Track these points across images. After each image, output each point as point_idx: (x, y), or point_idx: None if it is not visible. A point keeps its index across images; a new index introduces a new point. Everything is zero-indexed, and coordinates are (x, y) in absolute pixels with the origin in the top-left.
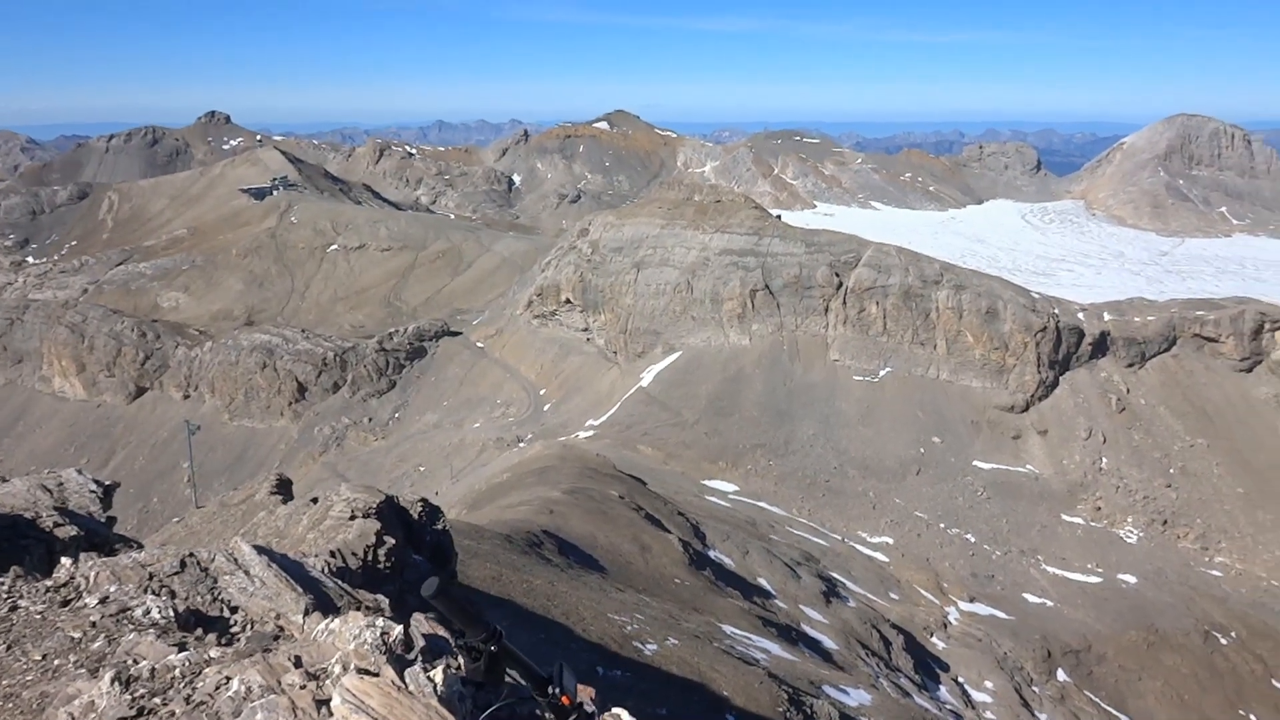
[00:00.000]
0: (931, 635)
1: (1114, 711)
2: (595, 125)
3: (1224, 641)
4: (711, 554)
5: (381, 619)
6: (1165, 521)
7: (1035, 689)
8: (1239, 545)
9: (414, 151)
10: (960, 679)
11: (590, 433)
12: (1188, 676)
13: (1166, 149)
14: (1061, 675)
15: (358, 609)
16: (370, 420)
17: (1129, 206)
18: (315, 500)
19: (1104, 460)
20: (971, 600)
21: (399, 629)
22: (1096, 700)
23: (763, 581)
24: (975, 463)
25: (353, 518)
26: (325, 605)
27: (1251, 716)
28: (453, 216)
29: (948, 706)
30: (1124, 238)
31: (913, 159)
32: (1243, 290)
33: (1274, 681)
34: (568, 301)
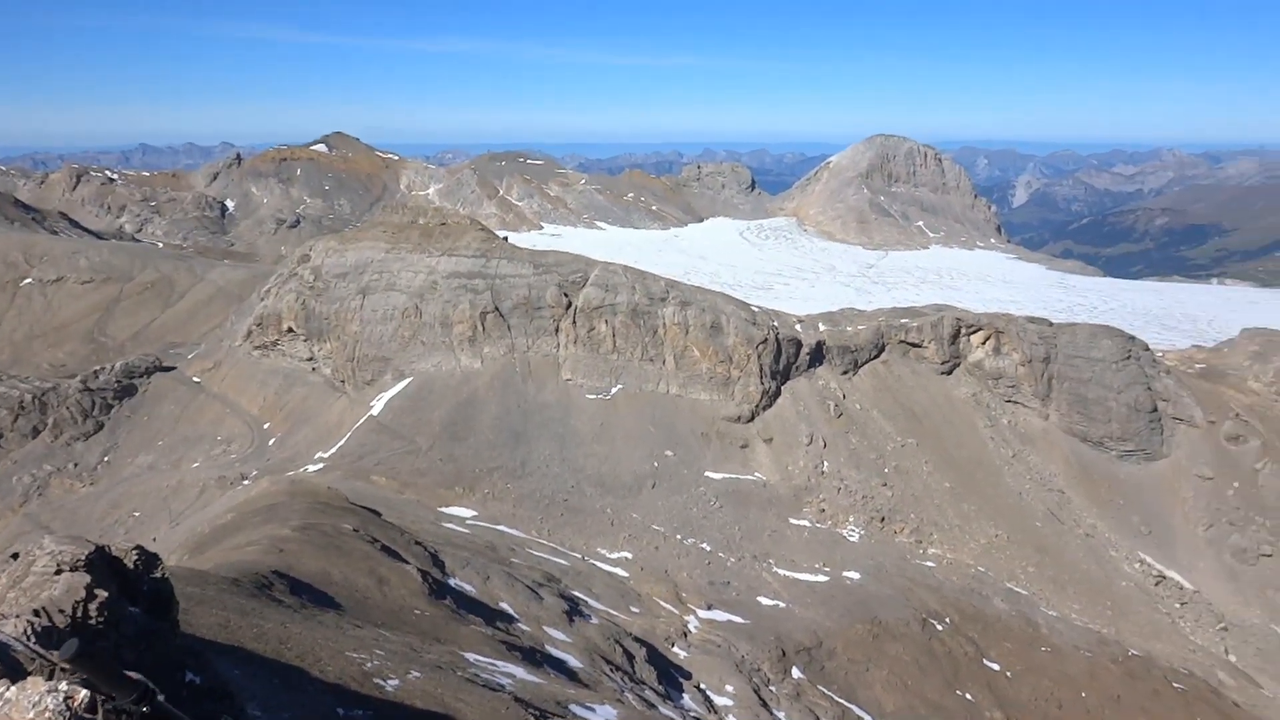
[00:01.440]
0: (673, 645)
1: (845, 703)
2: (313, 148)
3: (940, 627)
4: (451, 582)
5: (65, 682)
6: (883, 519)
7: (773, 688)
8: (949, 536)
9: (115, 177)
10: (702, 685)
11: (320, 466)
12: (909, 663)
13: (868, 168)
14: (796, 673)
15: (51, 673)
16: (76, 466)
17: (837, 222)
18: (15, 556)
19: (825, 464)
20: (709, 607)
21: (84, 693)
22: (829, 693)
23: (505, 606)
24: (707, 473)
25: (59, 572)
26: (15, 670)
27: (967, 695)
28: (161, 245)
29: (691, 714)
30: (834, 251)
31: (635, 179)
32: (941, 298)
33: (985, 661)
34: (290, 330)
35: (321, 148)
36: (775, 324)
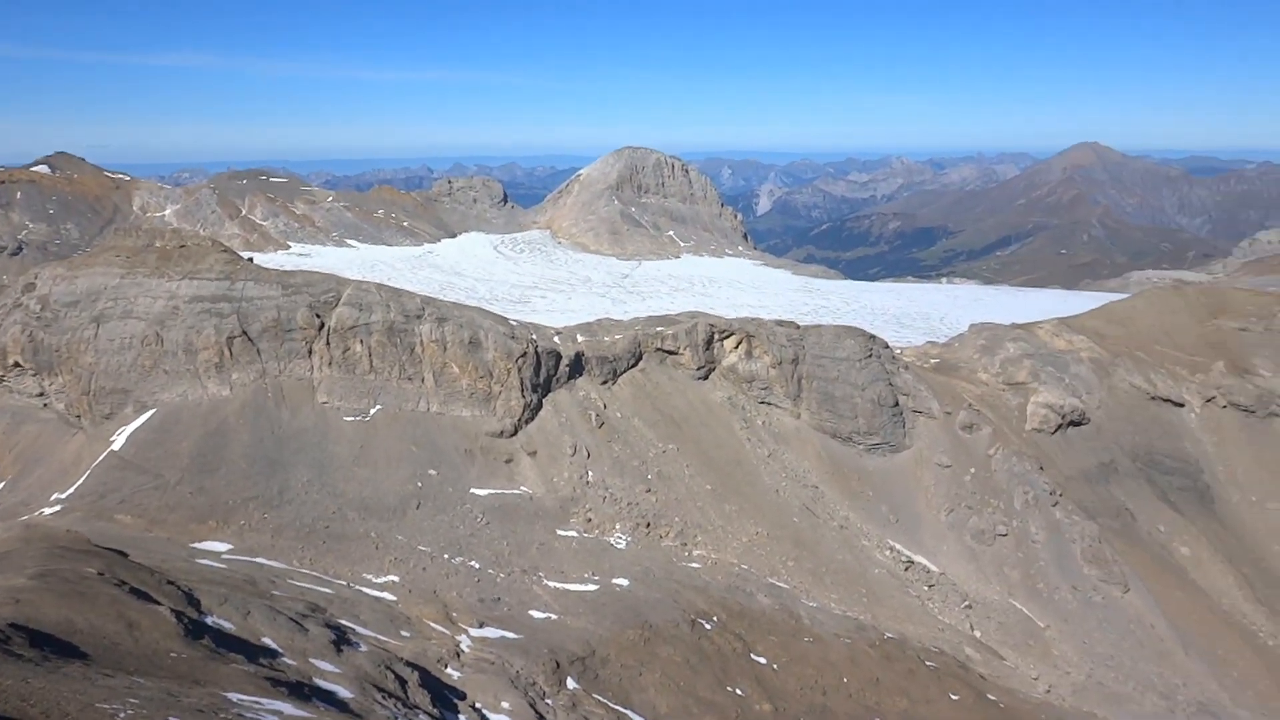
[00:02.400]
0: (446, 666)
1: (620, 708)
2: (33, 170)
3: (708, 627)
4: (209, 620)
5: None
6: (649, 524)
7: (549, 701)
8: (712, 537)
9: None
10: (478, 704)
11: (57, 508)
12: (681, 664)
13: (618, 179)
14: (571, 683)
15: None
16: None
17: (590, 234)
18: None
19: (590, 474)
20: (481, 625)
21: None
22: (604, 701)
23: (268, 640)
24: (473, 490)
25: None
26: None
27: (737, 690)
28: None
29: None
30: (589, 263)
31: (385, 195)
32: (694, 305)
33: (752, 655)
34: (16, 365)
35: (43, 169)
36: (534, 337)
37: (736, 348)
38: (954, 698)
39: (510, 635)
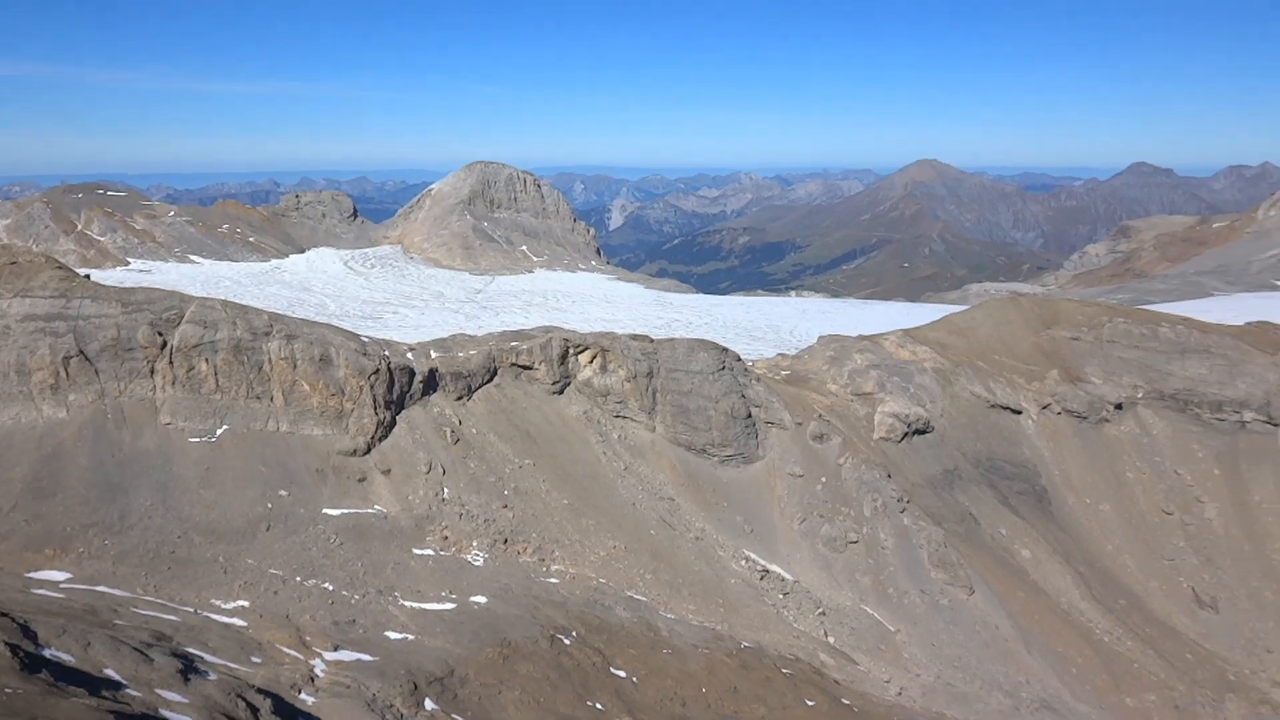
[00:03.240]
0: (300, 692)
1: None
2: None
3: (567, 642)
4: (47, 653)
5: None
6: (506, 540)
7: None
8: (570, 552)
9: None
10: None
11: None
12: (540, 680)
13: (470, 194)
14: (429, 704)
15: None
16: None
17: (443, 249)
18: None
19: (446, 491)
20: (336, 649)
21: None
22: None
23: (111, 672)
24: (325, 510)
25: None
26: None
27: (597, 705)
28: None
29: None
30: (441, 278)
31: (229, 210)
32: (548, 320)
33: (612, 669)
34: None
35: None
36: (387, 353)
37: (591, 362)
38: (810, 703)
39: (366, 658)
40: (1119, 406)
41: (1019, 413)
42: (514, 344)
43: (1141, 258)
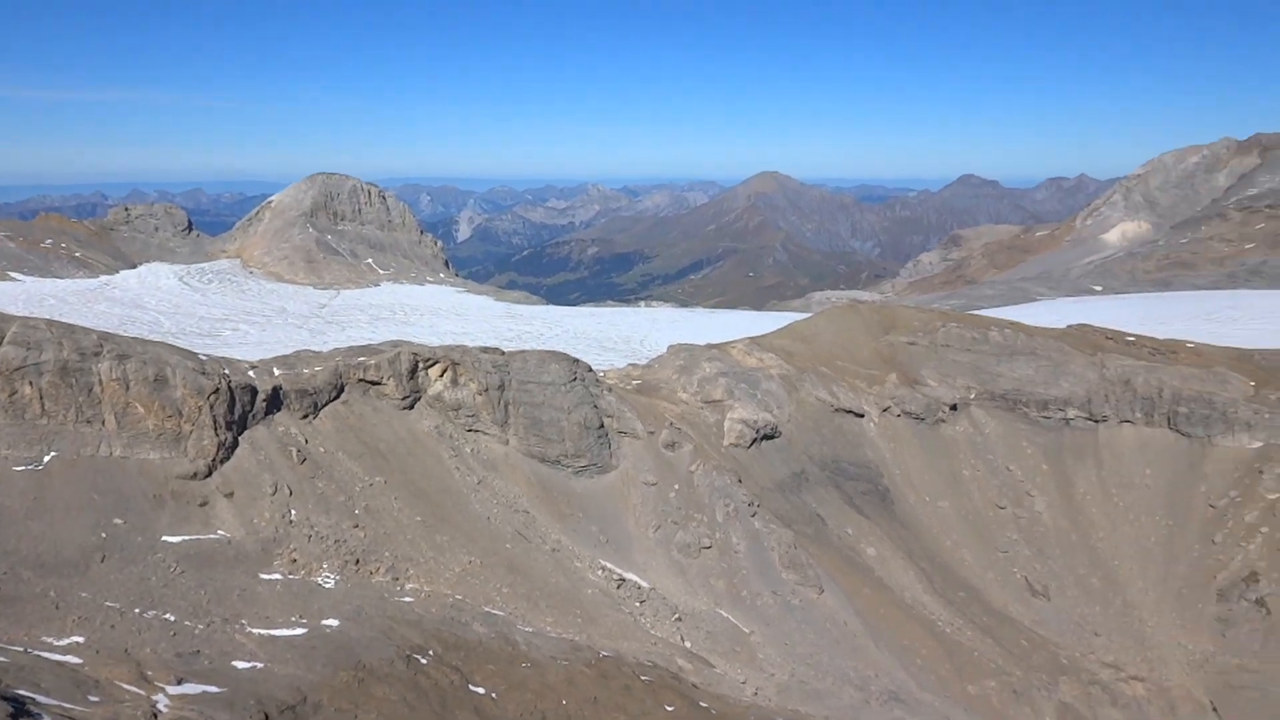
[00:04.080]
0: None
1: None
2: None
3: (424, 661)
4: None
5: None
6: (358, 561)
7: None
8: (425, 570)
9: None
10: None
11: None
12: (397, 702)
13: (312, 206)
14: None
15: None
16: None
17: (284, 262)
18: None
19: (293, 512)
20: (180, 682)
21: None
22: None
23: None
24: (164, 538)
25: None
26: None
27: None
28: None
29: None
30: (284, 293)
31: (52, 224)
32: (396, 334)
33: (470, 687)
34: None
35: None
36: (227, 372)
37: (442, 376)
38: (669, 709)
39: (213, 689)
40: (954, 407)
41: (861, 416)
42: (361, 359)
43: (971, 265)
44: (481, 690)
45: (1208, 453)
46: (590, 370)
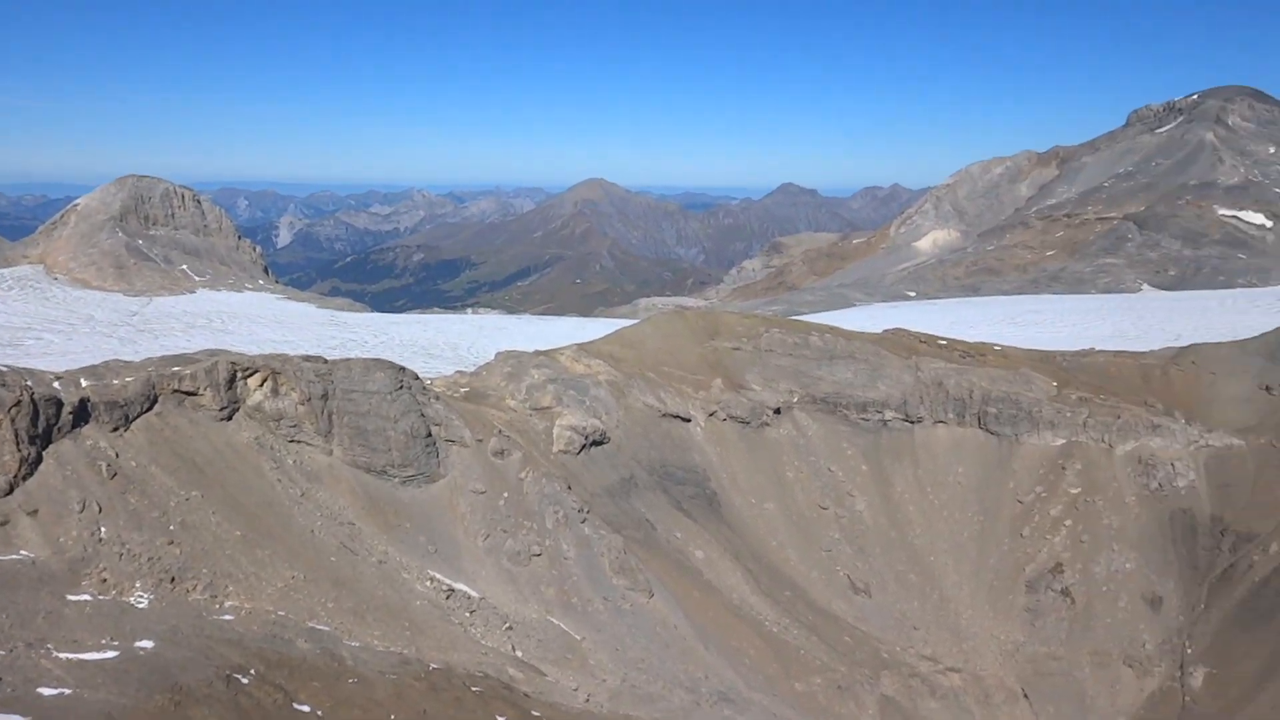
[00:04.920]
0: None
1: None
2: None
3: (245, 681)
4: None
5: None
6: (173, 579)
7: None
8: (245, 586)
9: None
10: None
11: None
12: None
13: (121, 210)
14: None
15: None
16: None
17: (92, 268)
18: None
19: (103, 530)
20: None
21: None
22: None
23: None
24: None
25: None
26: None
27: None
28: None
29: None
30: (91, 300)
31: None
32: (214, 342)
33: (295, 705)
34: None
35: None
36: (29, 383)
37: (262, 385)
38: (500, 719)
39: (16, 719)
40: (777, 411)
41: (688, 420)
42: (176, 369)
43: (792, 272)
44: (307, 708)
45: (1015, 450)
46: (417, 378)
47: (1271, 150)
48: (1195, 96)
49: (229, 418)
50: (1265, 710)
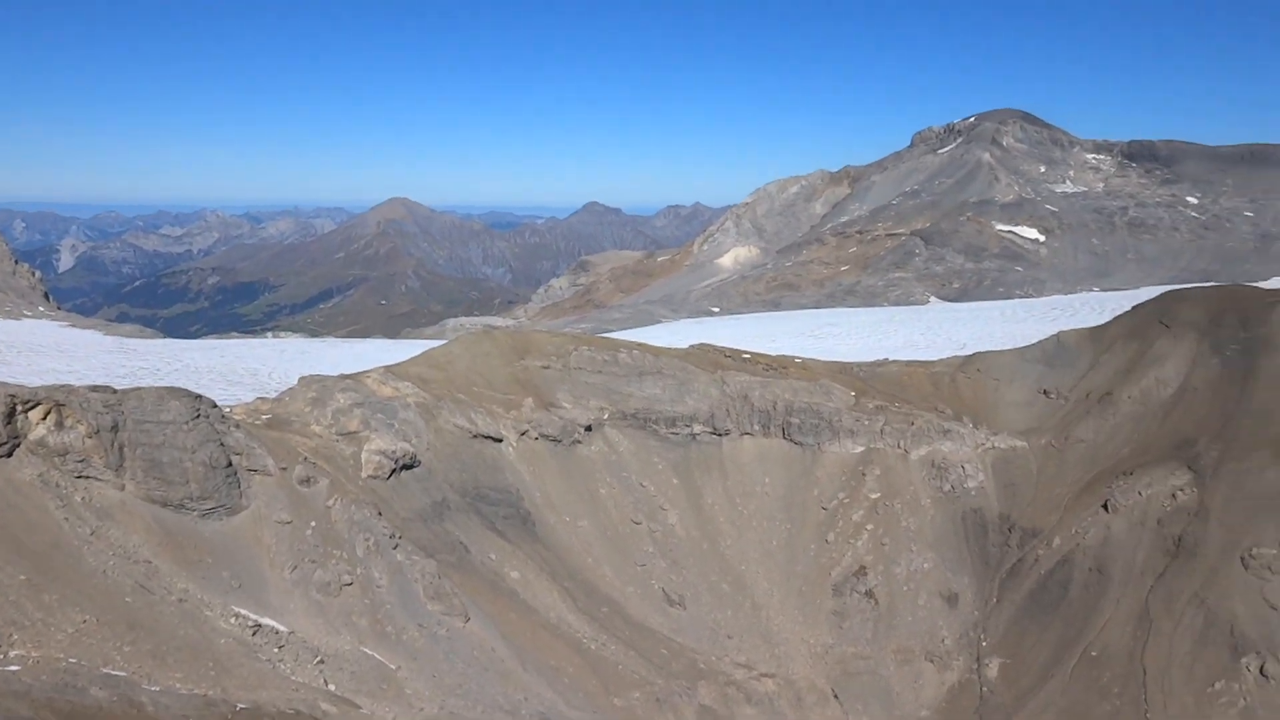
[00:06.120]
0: None
1: None
2: None
3: None
4: None
5: None
6: None
7: None
8: (32, 634)
9: None
10: None
11: None
12: None
13: None
14: None
15: None
16: None
17: None
18: None
19: None
20: None
21: None
22: None
23: None
24: None
25: None
26: None
27: None
28: None
29: None
30: None
31: None
32: None
33: None
34: None
35: None
36: None
37: (45, 419)
38: None
39: None
40: (589, 428)
41: (500, 440)
42: None
43: (599, 290)
44: None
45: (818, 459)
46: (215, 406)
47: (1042, 169)
48: (972, 119)
49: (9, 454)
50: (1054, 695)
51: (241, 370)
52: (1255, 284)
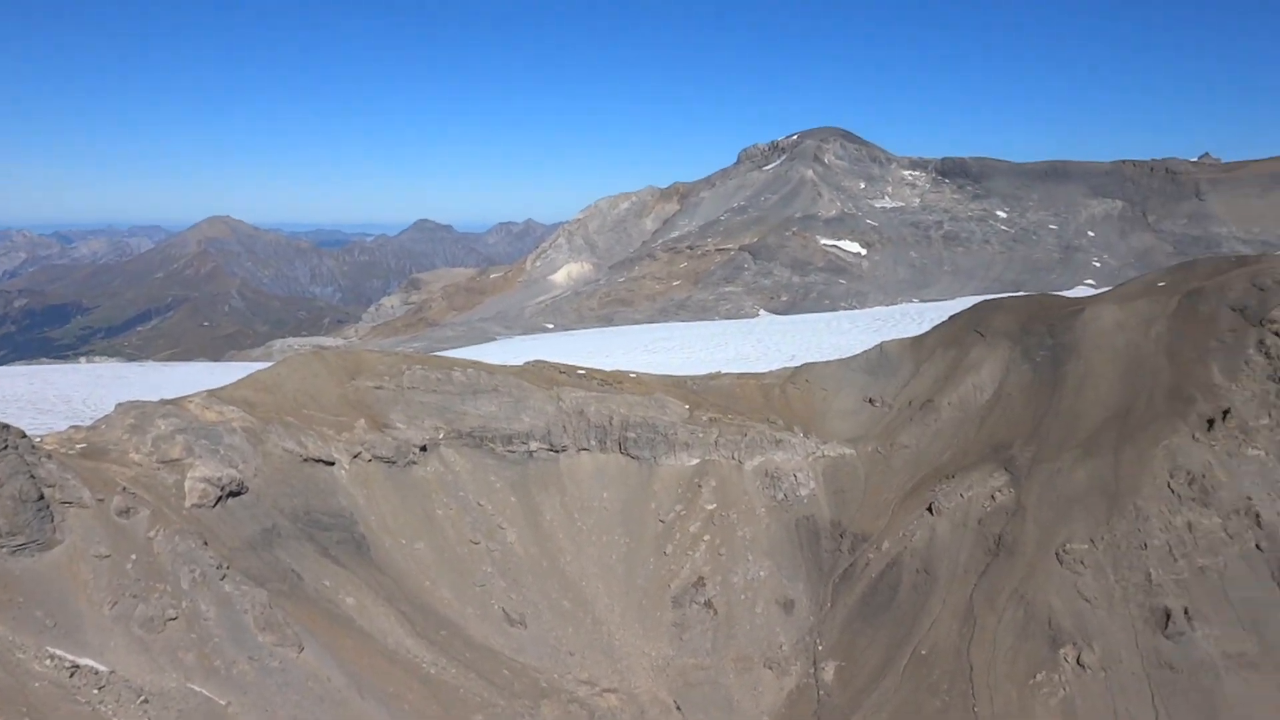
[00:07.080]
0: None
1: None
2: None
3: None
4: None
5: None
6: None
7: None
8: None
9: None
10: None
11: None
12: None
13: None
14: None
15: None
16: None
17: None
18: None
19: None
20: None
21: None
22: None
23: None
24: None
25: None
26: None
27: None
28: None
29: None
30: None
31: None
32: None
33: None
34: None
35: None
36: None
37: None
38: None
39: None
40: (424, 448)
41: (332, 464)
42: None
43: (432, 308)
44: None
45: (655, 472)
46: (24, 436)
47: (862, 185)
48: (795, 136)
49: None
50: (888, 694)
51: (53, 397)
52: (1060, 293)
